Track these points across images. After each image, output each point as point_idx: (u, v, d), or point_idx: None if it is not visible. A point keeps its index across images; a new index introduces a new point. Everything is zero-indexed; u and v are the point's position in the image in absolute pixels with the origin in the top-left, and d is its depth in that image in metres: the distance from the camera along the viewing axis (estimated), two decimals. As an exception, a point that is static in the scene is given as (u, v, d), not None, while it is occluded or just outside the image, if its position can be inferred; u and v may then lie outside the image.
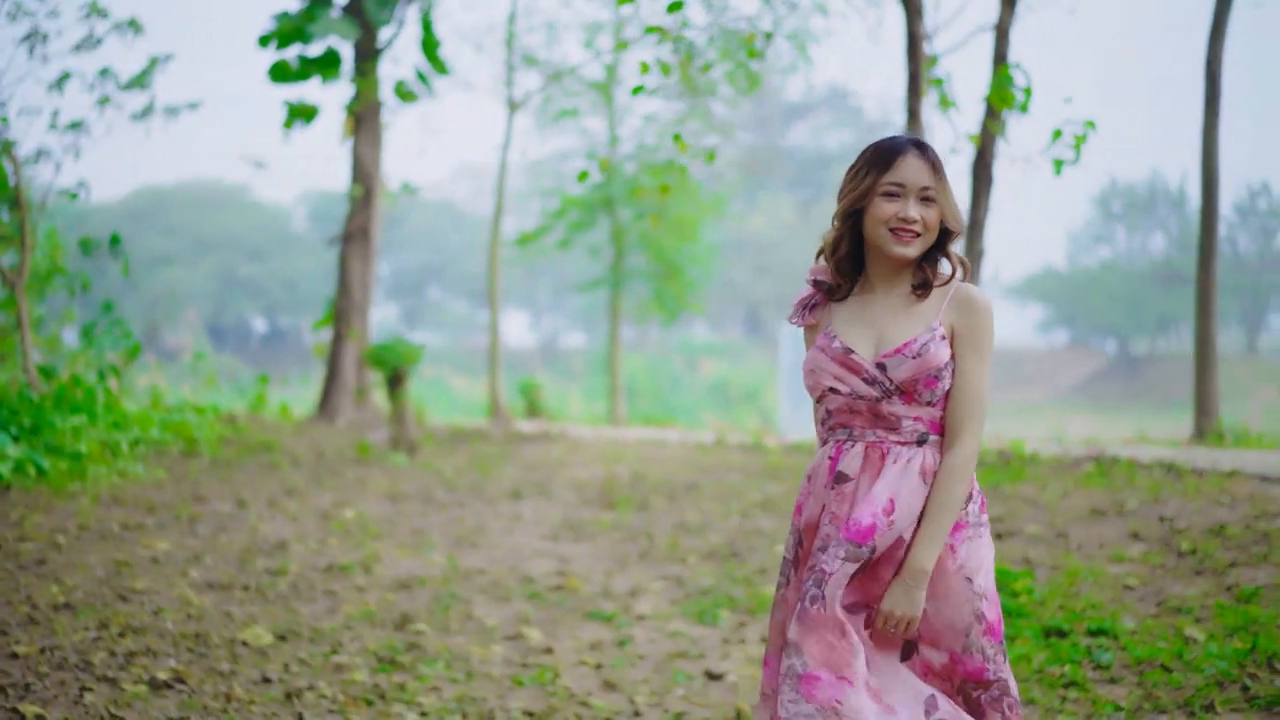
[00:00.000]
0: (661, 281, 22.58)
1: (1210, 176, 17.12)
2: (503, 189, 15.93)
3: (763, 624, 7.57)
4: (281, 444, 12.72)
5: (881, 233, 3.55)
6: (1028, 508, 10.73)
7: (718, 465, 13.39)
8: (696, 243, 22.59)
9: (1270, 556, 8.36)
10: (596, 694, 6.24)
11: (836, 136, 70.75)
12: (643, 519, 10.34)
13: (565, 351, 61.85)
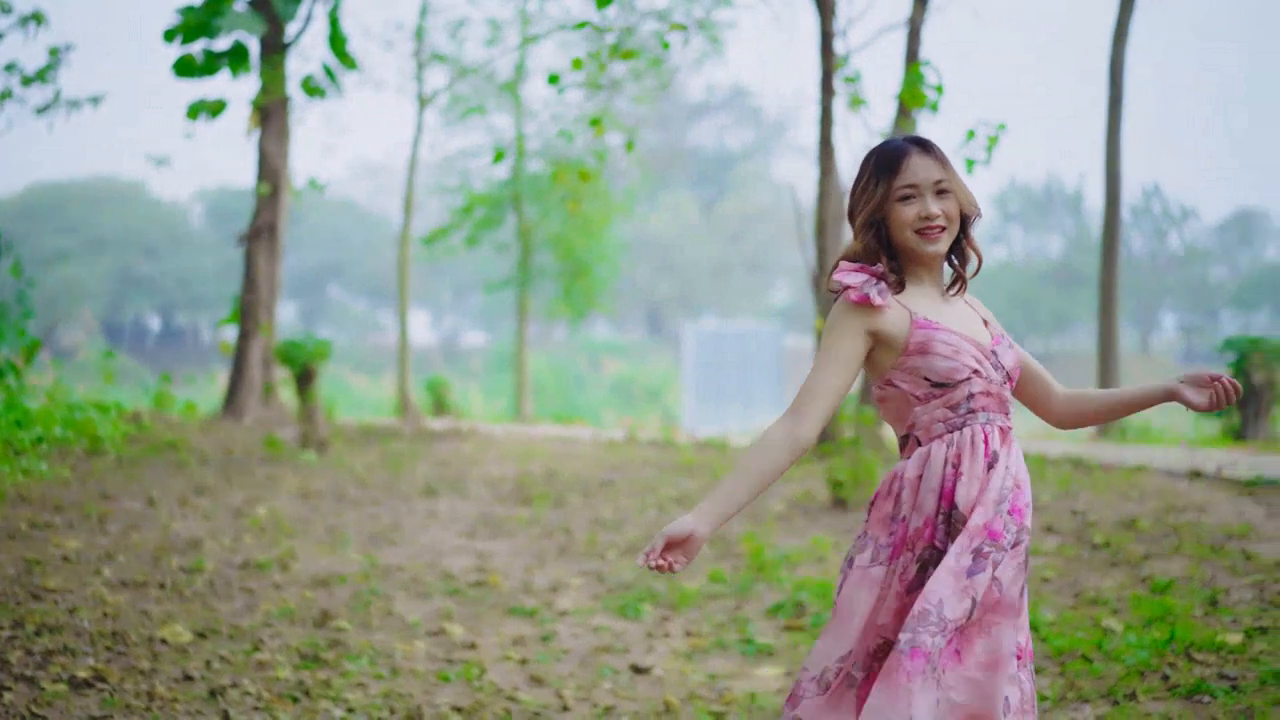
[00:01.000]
0: (570, 280, 22.54)
1: (1113, 177, 17.42)
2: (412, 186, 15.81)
3: (686, 618, 7.58)
4: (188, 442, 12.54)
5: (909, 236, 3.54)
6: (943, 502, 10.81)
7: (630, 462, 13.39)
8: (604, 241, 22.58)
9: (1182, 549, 8.49)
10: (524, 689, 6.20)
11: (738, 136, 71.12)
12: (559, 515, 10.31)
13: (466, 350, 61.64)
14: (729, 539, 9.51)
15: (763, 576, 8.38)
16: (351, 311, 66.25)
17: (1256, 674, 5.93)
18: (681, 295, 63.97)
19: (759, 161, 70.55)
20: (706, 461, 13.44)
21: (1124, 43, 17.69)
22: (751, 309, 65.88)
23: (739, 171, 68.43)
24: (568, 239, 22.00)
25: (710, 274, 63.57)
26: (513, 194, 21.74)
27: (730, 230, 64.88)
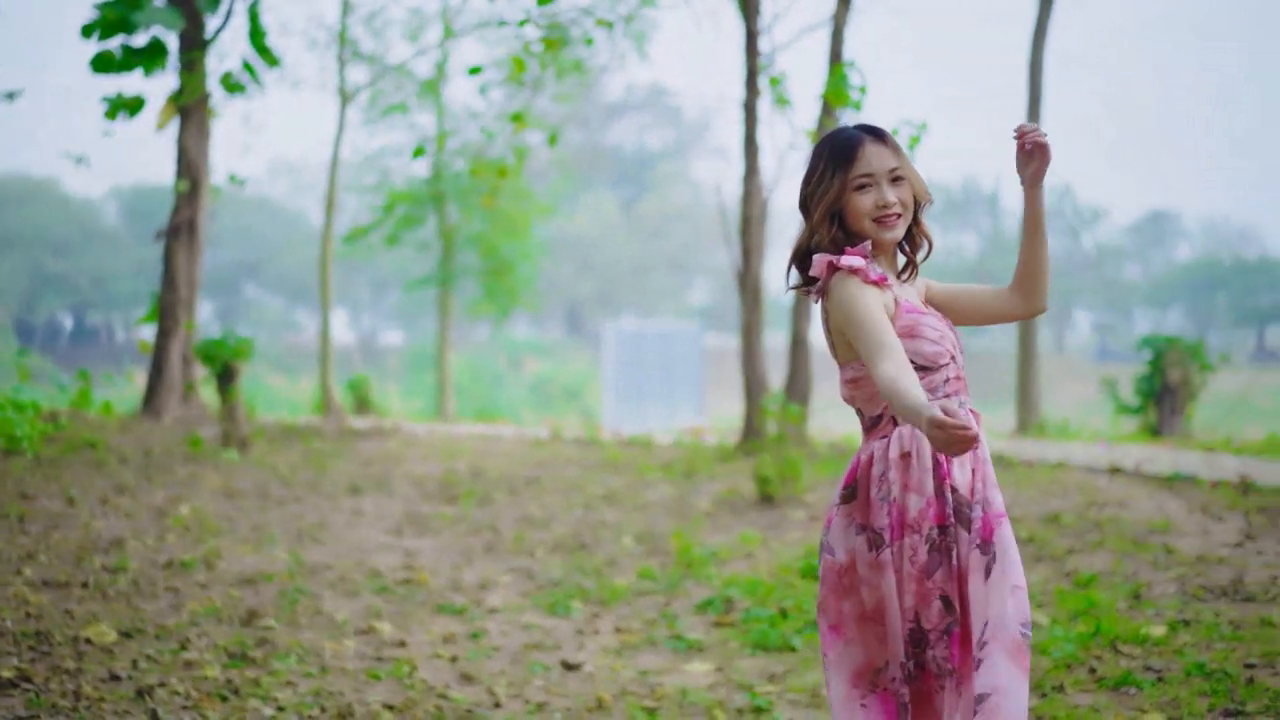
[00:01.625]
0: (493, 278, 22.47)
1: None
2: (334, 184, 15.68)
3: (616, 615, 7.58)
4: (107, 441, 12.38)
5: (867, 225, 3.56)
6: (868, 498, 10.88)
7: (554, 460, 13.37)
8: (527, 240, 22.53)
9: (1104, 543, 8.60)
10: (455, 686, 6.18)
11: (658, 135, 71.16)
12: (486, 513, 10.28)
13: (384, 349, 61.30)
14: (656, 536, 9.53)
15: (691, 573, 8.40)
16: (268, 310, 65.68)
17: (1181, 666, 6.02)
18: (601, 295, 63.96)
19: (679, 161, 70.64)
20: (631, 459, 13.44)
21: (1043, 43, 17.91)
22: (671, 308, 65.96)
23: (659, 171, 68.49)
24: (490, 237, 21.94)
25: (630, 273, 63.61)
26: (434, 192, 21.64)
27: (650, 229, 64.94)
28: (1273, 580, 7.55)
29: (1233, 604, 7.20)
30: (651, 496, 11.20)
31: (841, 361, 3.59)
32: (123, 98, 15.16)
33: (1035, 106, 17.86)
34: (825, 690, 3.74)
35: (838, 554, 3.56)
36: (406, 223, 21.66)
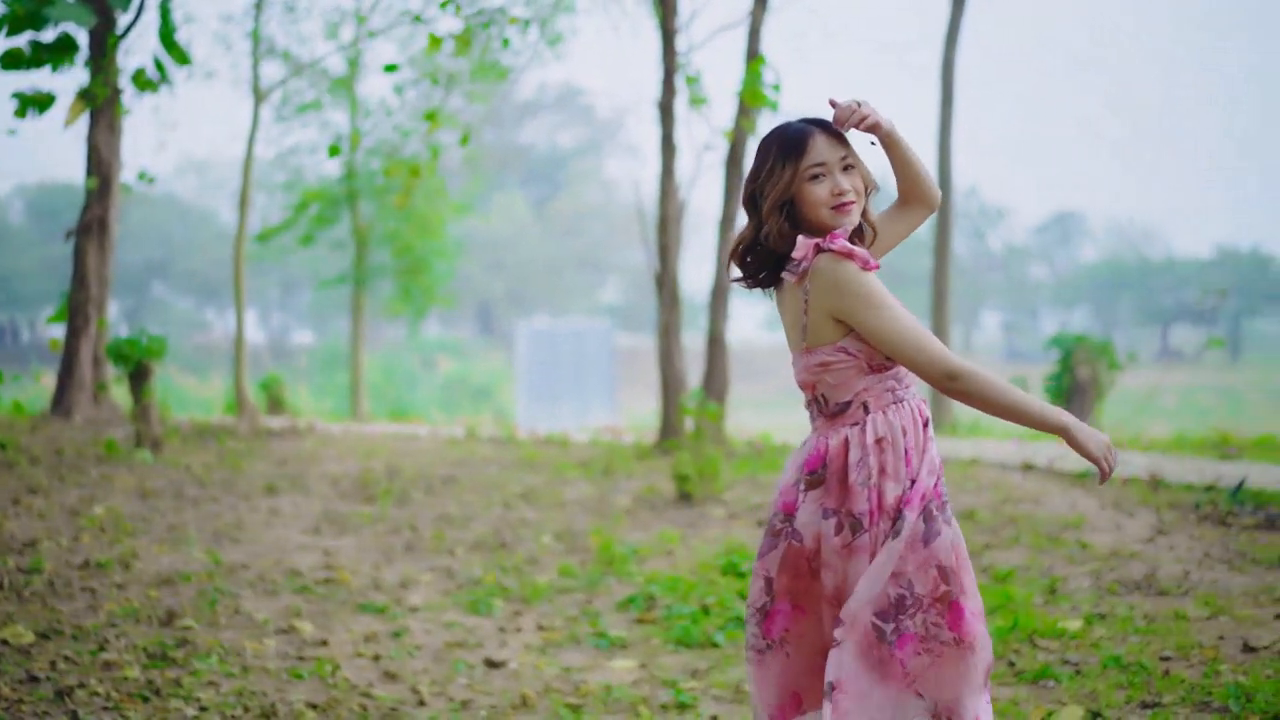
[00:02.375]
0: (408, 277, 22.36)
1: (945, 176, 17.79)
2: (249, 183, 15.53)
3: (537, 613, 7.59)
4: (17, 441, 12.20)
5: (824, 213, 3.58)
6: (786, 496, 10.95)
7: (471, 458, 13.35)
8: (441, 238, 22.45)
9: (1020, 539, 8.73)
10: (378, 685, 6.16)
11: (570, 134, 71.16)
12: (404, 512, 10.24)
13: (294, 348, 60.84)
14: (576, 534, 9.54)
15: (612, 571, 8.42)
16: (176, 310, 65.00)
17: (1098, 659, 6.12)
18: (513, 294, 63.87)
19: (592, 160, 70.67)
20: (549, 458, 13.44)
21: (955, 44, 18.09)
22: (583, 307, 66.01)
23: (571, 170, 68.49)
24: (405, 236, 21.84)
25: (542, 272, 63.56)
26: (348, 191, 21.51)
27: (562, 228, 64.94)
28: (1184, 575, 7.69)
29: (1146, 598, 7.33)
30: (570, 495, 11.21)
31: (812, 345, 3.57)
32: (32, 95, 14.92)
33: (947, 107, 18.07)
34: (759, 675, 3.70)
35: (805, 539, 3.56)
36: (320, 222, 21.50)
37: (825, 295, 3.51)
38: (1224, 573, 7.78)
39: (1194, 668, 5.98)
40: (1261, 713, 5.27)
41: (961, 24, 17.95)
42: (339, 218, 21.92)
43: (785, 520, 3.62)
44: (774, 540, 3.63)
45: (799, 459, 3.65)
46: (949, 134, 18.02)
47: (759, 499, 10.88)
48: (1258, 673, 5.78)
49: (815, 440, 3.62)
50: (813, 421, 3.68)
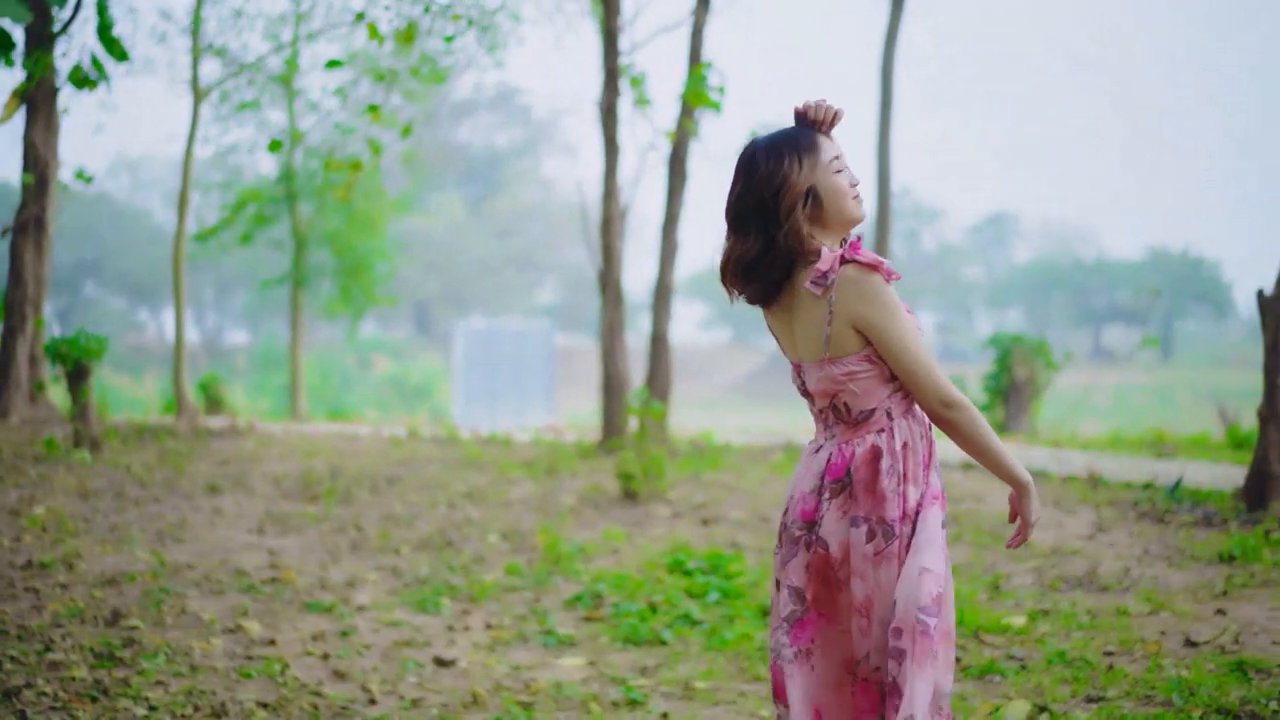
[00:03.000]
0: (348, 277, 22.26)
1: (884, 177, 17.91)
2: (188, 182, 15.41)
3: (485, 611, 7.59)
4: (-47, 441, 12.10)
5: (849, 204, 3.61)
6: (729, 494, 11.03)
7: (414, 458, 13.32)
8: (381, 237, 22.37)
9: (963, 536, 8.82)
10: (328, 684, 6.15)
11: (506, 134, 71.03)
12: (349, 511, 10.21)
13: (229, 348, 60.41)
14: (522, 532, 9.55)
15: (559, 569, 8.44)
16: (109, 310, 64.39)
17: (1043, 654, 6.21)
18: (450, 294, 63.69)
19: (529, 159, 70.58)
20: (492, 457, 13.43)
21: (894, 46, 18.22)
22: (521, 307, 65.93)
23: (508, 170, 68.36)
24: (344, 236, 21.75)
25: (479, 272, 63.42)
26: (287, 191, 21.39)
27: (499, 228, 64.82)
28: (1125, 571, 7.80)
29: (1088, 594, 7.43)
30: (515, 494, 11.21)
31: (835, 355, 3.55)
32: (-33, 91, 14.76)
33: (886, 109, 18.18)
34: (790, 687, 3.66)
35: (831, 547, 3.56)
36: (260, 222, 21.38)
37: (850, 305, 3.50)
38: (1163, 569, 7.90)
39: (1137, 662, 6.07)
40: (1204, 706, 5.36)
41: (900, 27, 18.10)
42: (279, 218, 21.79)
43: (805, 528, 3.62)
44: (794, 548, 3.63)
45: (815, 466, 3.64)
46: (888, 136, 18.15)
47: (703, 497, 10.93)
48: (1199, 667, 5.88)
49: (835, 448, 3.61)
50: (828, 429, 3.65)
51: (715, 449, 14.13)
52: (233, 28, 16.85)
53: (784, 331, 3.69)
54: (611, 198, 13.69)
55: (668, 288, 14.16)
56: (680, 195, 13.96)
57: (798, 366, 3.68)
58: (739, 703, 5.95)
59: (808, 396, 3.70)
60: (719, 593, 7.69)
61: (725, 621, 7.23)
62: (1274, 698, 5.41)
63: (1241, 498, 9.66)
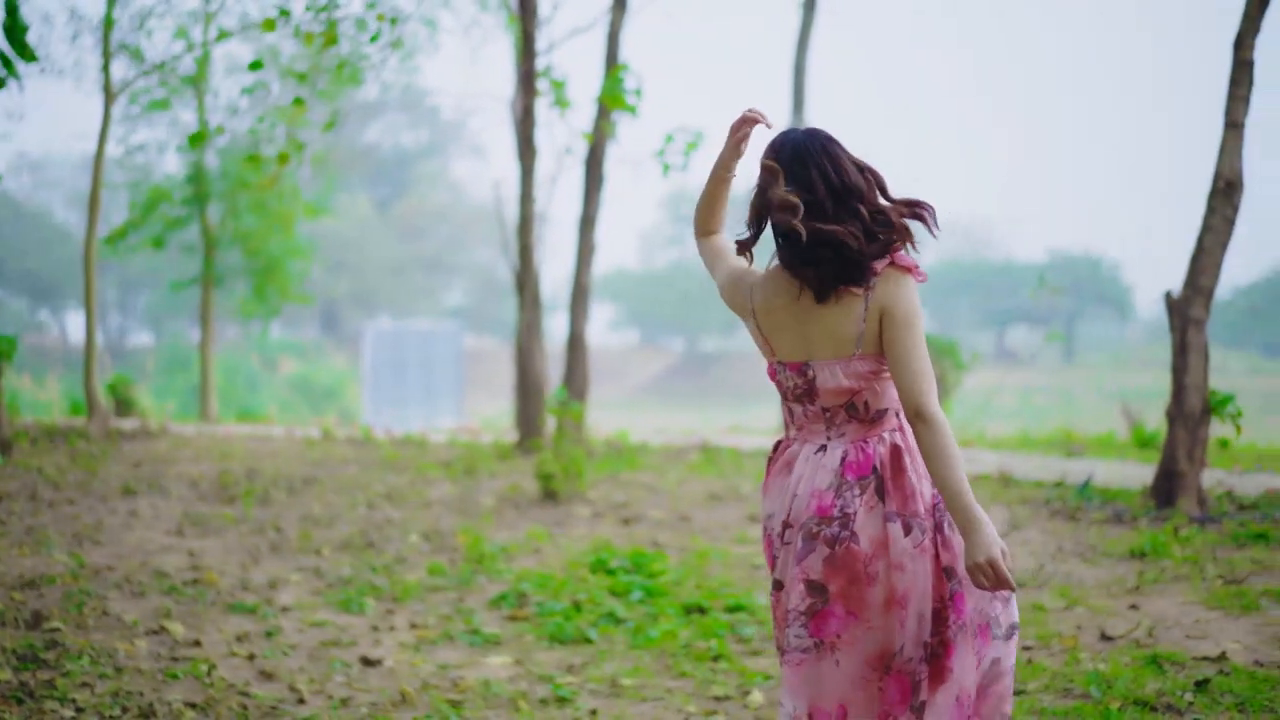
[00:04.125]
0: (261, 277, 22.07)
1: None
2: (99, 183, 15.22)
3: (410, 611, 7.61)
4: None
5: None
6: (649, 494, 11.10)
7: (330, 459, 13.28)
8: (293, 237, 22.19)
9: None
10: (255, 684, 6.14)
11: (412, 136, 70.63)
12: (267, 512, 10.17)
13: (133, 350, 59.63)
14: (443, 533, 9.56)
15: (482, 569, 8.47)
16: (9, 311, 63.35)
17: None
18: (357, 295, 63.25)
19: (438, 161, 70.27)
20: (409, 458, 13.42)
21: (806, 47, 18.37)
22: (428, 309, 65.63)
23: (416, 171, 68.04)
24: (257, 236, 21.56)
25: (387, 273, 63.04)
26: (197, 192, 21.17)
27: (407, 229, 64.49)
28: (1040, 568, 7.95)
29: (1004, 590, 7.55)
30: (434, 494, 11.22)
31: (865, 352, 3.60)
32: None
33: (799, 110, 18.30)
34: (794, 677, 3.71)
35: (862, 543, 3.59)
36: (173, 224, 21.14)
37: (885, 303, 3.55)
38: (1077, 565, 8.07)
39: (1055, 656, 6.21)
40: (1122, 698, 5.49)
41: (812, 29, 18.26)
42: (191, 219, 21.57)
43: (821, 524, 3.63)
44: (812, 543, 3.63)
45: (828, 464, 3.66)
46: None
47: (623, 497, 10.99)
48: (1116, 660, 6.02)
49: (851, 446, 3.66)
50: (833, 428, 3.69)
51: (632, 449, 14.21)
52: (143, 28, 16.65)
53: (792, 328, 3.68)
54: (528, 199, 13.71)
55: (584, 289, 14.21)
56: (597, 197, 14.02)
57: (798, 366, 3.69)
58: (666, 699, 6.01)
59: (803, 395, 3.71)
60: (642, 591, 7.75)
61: (650, 619, 7.29)
62: (1188, 689, 5.56)
63: (1150, 495, 9.88)
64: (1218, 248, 9.74)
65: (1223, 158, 9.76)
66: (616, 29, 13.68)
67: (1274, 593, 7.07)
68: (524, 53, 13.25)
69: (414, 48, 15.35)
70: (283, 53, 18.18)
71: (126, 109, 20.17)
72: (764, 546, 3.85)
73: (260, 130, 14.80)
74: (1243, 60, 9.76)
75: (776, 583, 3.76)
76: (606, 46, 13.76)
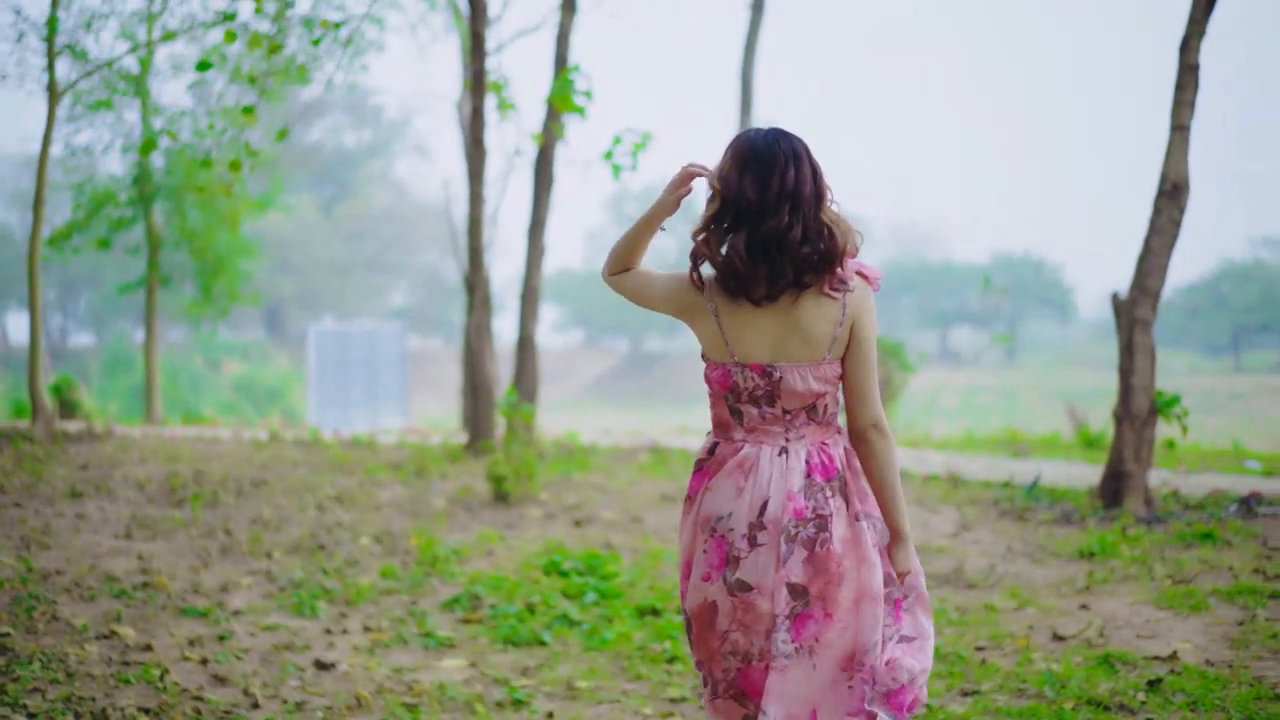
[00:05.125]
0: (208, 277, 21.89)
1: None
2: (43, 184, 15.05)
3: (363, 614, 7.58)
4: None
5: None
6: (601, 495, 11.09)
7: (278, 461, 13.20)
8: (239, 236, 22.02)
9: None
10: (209, 688, 6.10)
11: (355, 136, 70.32)
12: (216, 515, 10.10)
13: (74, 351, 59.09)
14: (394, 535, 9.53)
15: (435, 571, 8.44)
16: (-57, 311, 62.69)
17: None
18: (301, 296, 62.93)
19: (382, 161, 69.98)
20: (358, 459, 13.37)
21: (754, 51, 18.42)
22: (372, 309, 65.38)
23: (360, 171, 67.74)
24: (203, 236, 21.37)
25: (331, 274, 62.75)
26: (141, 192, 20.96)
27: (351, 230, 64.20)
28: (990, 568, 8.01)
29: (956, 590, 7.62)
30: (384, 497, 11.18)
31: (834, 357, 3.67)
32: None
33: (746, 113, 18.37)
34: (778, 683, 3.68)
35: (835, 543, 3.64)
36: (118, 225, 20.93)
37: (858, 314, 3.66)
38: (1027, 566, 8.13)
39: (1008, 656, 6.26)
40: (1075, 698, 5.54)
41: (760, 33, 18.32)
42: (136, 219, 21.37)
43: (798, 526, 3.64)
44: (791, 546, 3.63)
45: (796, 466, 3.68)
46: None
47: (575, 498, 10.99)
48: (1068, 660, 6.08)
49: (812, 448, 3.71)
50: (791, 430, 3.71)
51: (582, 450, 14.21)
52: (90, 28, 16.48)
53: (759, 328, 3.67)
54: (478, 200, 13.67)
55: (535, 290, 14.18)
56: (546, 198, 13.99)
57: (761, 367, 3.67)
58: (623, 701, 6.02)
59: (762, 398, 3.70)
60: (596, 593, 7.76)
61: (604, 622, 7.30)
62: (1141, 689, 5.62)
63: (1098, 495, 9.97)
64: (1164, 249, 9.84)
65: (1169, 160, 9.86)
66: (566, 30, 13.66)
67: (1222, 592, 7.16)
68: (474, 53, 13.20)
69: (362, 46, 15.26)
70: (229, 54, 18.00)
71: (70, 109, 19.97)
72: (708, 549, 3.75)
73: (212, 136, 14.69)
74: (1188, 64, 9.87)
75: (740, 583, 3.68)
76: (556, 48, 13.74)
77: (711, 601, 3.73)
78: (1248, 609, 6.87)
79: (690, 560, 3.83)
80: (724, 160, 3.70)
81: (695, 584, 3.77)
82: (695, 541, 3.79)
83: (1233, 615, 6.77)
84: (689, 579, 3.82)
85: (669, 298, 3.82)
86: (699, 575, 3.76)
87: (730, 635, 3.72)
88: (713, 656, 3.76)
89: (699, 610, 3.77)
